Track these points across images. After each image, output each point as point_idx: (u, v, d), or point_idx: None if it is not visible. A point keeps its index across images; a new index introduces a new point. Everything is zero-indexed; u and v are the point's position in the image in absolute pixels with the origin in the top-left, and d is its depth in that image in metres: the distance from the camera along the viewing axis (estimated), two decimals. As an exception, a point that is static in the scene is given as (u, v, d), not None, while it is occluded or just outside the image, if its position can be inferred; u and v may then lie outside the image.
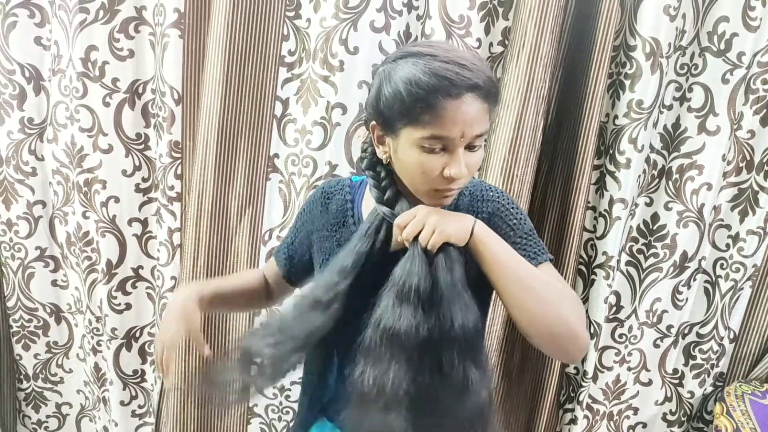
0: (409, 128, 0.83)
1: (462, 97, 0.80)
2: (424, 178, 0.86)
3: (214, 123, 1.57)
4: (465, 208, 0.97)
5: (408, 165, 0.86)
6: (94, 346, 1.86)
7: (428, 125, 0.81)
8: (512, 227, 0.97)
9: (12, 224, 1.76)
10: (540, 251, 0.97)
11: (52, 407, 1.98)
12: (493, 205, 0.97)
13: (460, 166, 0.83)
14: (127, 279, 1.77)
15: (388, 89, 0.84)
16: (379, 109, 0.86)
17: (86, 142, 1.64)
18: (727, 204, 1.66)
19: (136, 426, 1.92)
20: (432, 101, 0.80)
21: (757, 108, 1.56)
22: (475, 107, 0.82)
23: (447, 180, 0.85)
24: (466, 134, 0.82)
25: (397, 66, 0.84)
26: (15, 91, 1.64)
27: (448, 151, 0.84)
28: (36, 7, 1.59)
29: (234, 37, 1.51)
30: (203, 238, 1.65)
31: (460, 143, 0.83)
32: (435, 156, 0.83)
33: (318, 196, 1.06)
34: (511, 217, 0.98)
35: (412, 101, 0.81)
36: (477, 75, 0.81)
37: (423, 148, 0.83)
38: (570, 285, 1.65)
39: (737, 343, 1.77)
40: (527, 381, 1.80)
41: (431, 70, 0.80)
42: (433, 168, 0.84)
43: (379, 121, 0.88)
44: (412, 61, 0.83)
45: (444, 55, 0.82)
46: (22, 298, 1.84)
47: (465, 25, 1.49)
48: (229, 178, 1.64)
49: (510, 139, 1.51)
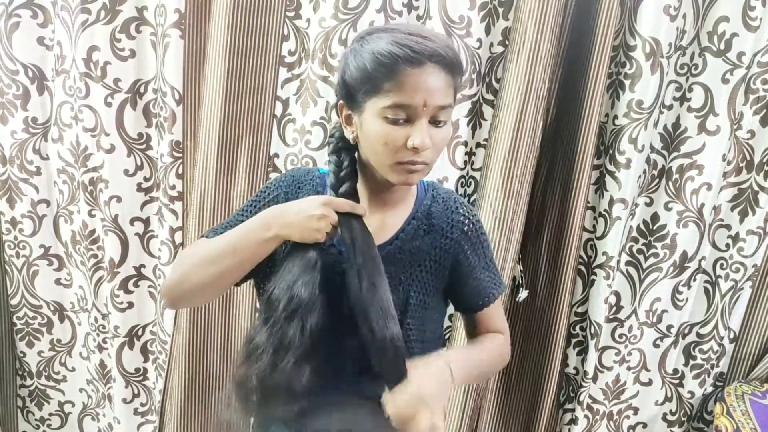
0: (373, 99, 0.85)
1: (424, 65, 0.82)
2: (387, 150, 0.86)
3: (215, 123, 1.58)
4: (438, 215, 1.00)
5: (372, 138, 0.87)
6: (100, 343, 1.87)
7: (390, 93, 0.83)
8: (478, 256, 1.04)
9: (17, 222, 1.78)
10: (495, 284, 1.07)
11: (54, 405, 2.00)
12: (468, 226, 1.02)
13: (423, 136, 0.84)
14: (129, 278, 1.78)
15: (354, 62, 0.87)
16: (344, 81, 0.89)
17: (90, 142, 1.66)
18: (727, 204, 1.66)
19: (139, 424, 1.93)
20: (394, 68, 0.82)
21: (757, 108, 1.56)
22: (438, 77, 0.84)
23: (411, 151, 0.86)
24: (429, 103, 0.84)
25: (364, 42, 0.87)
26: (19, 91, 1.66)
27: (412, 122, 0.85)
28: (38, 7, 1.61)
29: (234, 37, 1.52)
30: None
31: (423, 113, 0.84)
32: (398, 127, 0.85)
33: (288, 183, 1.01)
34: (479, 245, 1.04)
35: (374, 69, 0.83)
36: (439, 46, 0.84)
37: (386, 119, 0.85)
38: (570, 285, 1.66)
39: (737, 343, 1.77)
40: (527, 381, 1.80)
41: (395, 40, 0.83)
42: (396, 138, 0.85)
43: (344, 95, 0.90)
44: (377, 35, 0.86)
45: (406, 29, 0.85)
46: (26, 295, 1.85)
47: (465, 26, 1.50)
48: (230, 178, 1.65)
49: (510, 139, 1.51)
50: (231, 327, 1.77)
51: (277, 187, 1.01)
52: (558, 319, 1.68)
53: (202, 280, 0.91)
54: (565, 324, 1.69)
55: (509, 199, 1.55)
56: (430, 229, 0.99)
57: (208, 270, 0.91)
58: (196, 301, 1.03)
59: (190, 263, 0.93)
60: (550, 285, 1.70)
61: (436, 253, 1.00)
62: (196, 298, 0.97)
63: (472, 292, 1.05)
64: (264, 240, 0.88)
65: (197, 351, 1.75)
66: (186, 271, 0.93)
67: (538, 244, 1.71)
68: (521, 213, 1.59)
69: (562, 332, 1.69)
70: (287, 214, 0.89)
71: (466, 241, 1.01)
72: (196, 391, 1.79)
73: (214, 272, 0.90)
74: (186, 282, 0.93)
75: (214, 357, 1.78)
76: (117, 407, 1.90)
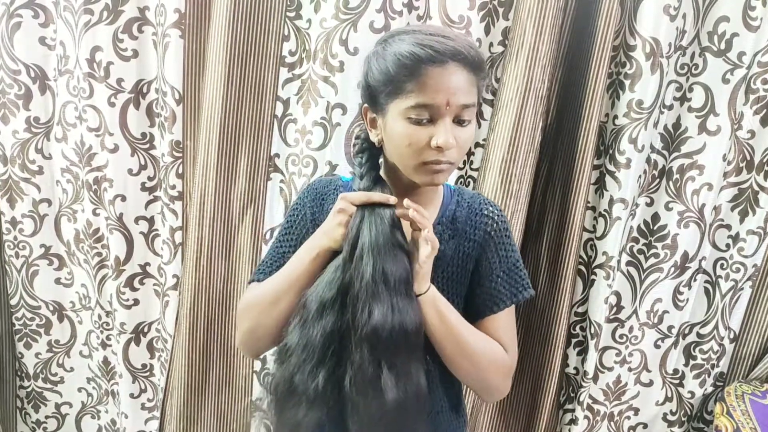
0: (396, 100, 0.85)
1: (446, 64, 0.82)
2: (411, 150, 0.86)
3: (216, 123, 1.58)
4: (463, 220, 0.98)
5: (396, 139, 0.87)
6: (104, 340, 1.88)
7: (413, 93, 0.83)
8: (500, 258, 1.00)
9: (17, 222, 1.78)
10: (514, 291, 1.01)
11: (51, 407, 2.00)
12: (492, 225, 0.99)
13: (447, 135, 0.84)
14: (134, 275, 1.79)
15: (376, 65, 0.87)
16: (368, 84, 0.89)
17: (94, 142, 1.66)
18: (727, 204, 1.66)
19: (146, 419, 1.94)
20: (416, 69, 0.82)
21: (758, 108, 1.56)
22: (460, 76, 0.84)
23: (435, 151, 0.85)
24: (452, 102, 0.83)
25: (387, 44, 0.87)
26: (21, 91, 1.66)
27: (435, 122, 0.85)
28: (40, 7, 1.62)
29: (235, 37, 1.53)
30: (206, 236, 1.66)
31: (446, 112, 0.84)
32: (422, 127, 0.85)
33: (312, 197, 1.02)
34: (503, 245, 1.00)
35: (397, 71, 0.84)
36: (461, 44, 0.83)
37: (410, 120, 0.85)
38: (570, 285, 1.66)
39: (737, 343, 1.77)
40: (527, 381, 1.80)
41: (416, 41, 0.83)
42: (420, 139, 0.85)
43: (368, 98, 0.91)
44: (399, 38, 0.86)
45: (429, 30, 0.86)
46: (25, 296, 1.86)
47: (465, 26, 1.50)
48: (231, 178, 1.65)
49: (509, 139, 1.51)
50: (231, 329, 1.77)
51: (303, 206, 1.03)
52: (558, 319, 1.68)
53: (273, 323, 0.94)
54: (565, 324, 1.69)
55: (508, 199, 1.55)
56: (454, 234, 0.98)
57: (274, 311, 0.94)
58: (275, 340, 1.03)
59: (257, 312, 0.96)
60: (550, 285, 1.70)
61: (459, 257, 0.99)
62: (273, 338, 0.98)
63: (485, 294, 1.01)
64: (311, 261, 0.91)
65: (198, 353, 1.75)
66: (254, 320, 0.96)
67: (538, 244, 1.71)
68: (520, 213, 1.59)
69: (562, 332, 1.69)
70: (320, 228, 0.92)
71: (488, 241, 0.99)
72: (196, 393, 1.79)
73: (280, 311, 0.93)
74: (259, 329, 0.96)
75: (214, 359, 1.78)
76: (124, 402, 1.91)
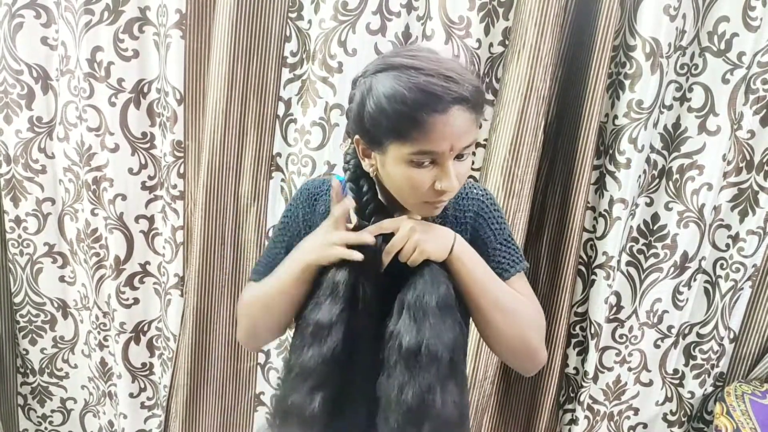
0: (397, 144, 0.81)
1: (449, 111, 0.78)
2: (414, 192, 0.84)
3: (220, 123, 1.59)
4: (450, 206, 0.98)
5: (397, 180, 0.85)
6: (101, 341, 1.89)
7: (416, 141, 0.79)
8: (494, 232, 0.98)
9: (21, 221, 1.79)
10: (517, 259, 0.99)
11: (57, 402, 2.02)
12: (479, 204, 0.98)
13: (450, 180, 0.82)
14: (134, 274, 1.80)
15: (372, 105, 0.81)
16: (364, 126, 0.83)
17: (94, 141, 1.67)
18: (727, 204, 1.66)
19: (145, 418, 1.96)
20: (419, 118, 0.77)
21: (757, 108, 1.55)
22: (463, 119, 0.80)
23: (438, 192, 0.84)
24: (455, 147, 0.81)
25: (378, 79, 0.81)
26: (23, 91, 1.67)
27: (438, 163, 0.82)
28: (42, 7, 1.62)
29: (237, 37, 1.53)
30: (211, 235, 1.67)
31: (449, 156, 0.81)
32: (424, 170, 0.82)
33: (303, 198, 1.01)
34: (494, 220, 0.99)
35: (398, 119, 0.79)
36: (463, 87, 0.79)
37: (411, 163, 0.81)
38: (570, 285, 1.66)
39: (737, 343, 1.77)
40: (527, 381, 1.80)
41: (416, 86, 0.77)
42: (423, 181, 0.83)
43: (364, 137, 0.86)
44: (394, 75, 0.80)
45: (428, 68, 0.79)
46: (29, 293, 1.87)
47: (465, 26, 1.50)
48: (237, 177, 1.66)
49: (510, 139, 1.52)
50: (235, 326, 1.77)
51: (295, 207, 1.02)
52: (558, 319, 1.69)
53: (270, 323, 0.98)
54: (565, 324, 1.69)
55: (510, 198, 1.55)
56: (444, 222, 0.97)
57: (269, 314, 0.96)
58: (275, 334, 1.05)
59: (254, 312, 0.99)
60: (550, 285, 1.70)
61: None
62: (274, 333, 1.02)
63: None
64: (300, 271, 0.90)
65: (203, 351, 1.76)
66: (252, 318, 1.00)
67: (538, 244, 1.71)
68: (522, 213, 1.59)
69: (562, 332, 1.69)
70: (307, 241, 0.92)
71: (478, 219, 0.97)
72: (201, 390, 1.81)
73: (275, 314, 0.96)
74: (257, 327, 1.00)
75: (219, 357, 1.79)
76: (123, 401, 1.91)
